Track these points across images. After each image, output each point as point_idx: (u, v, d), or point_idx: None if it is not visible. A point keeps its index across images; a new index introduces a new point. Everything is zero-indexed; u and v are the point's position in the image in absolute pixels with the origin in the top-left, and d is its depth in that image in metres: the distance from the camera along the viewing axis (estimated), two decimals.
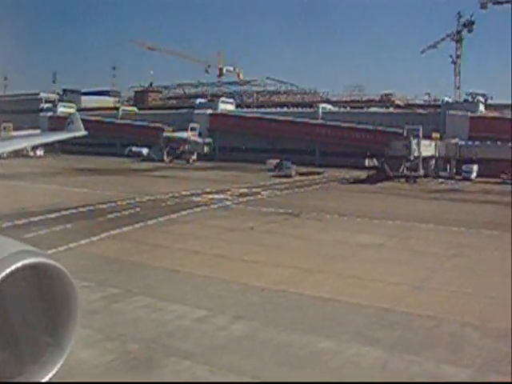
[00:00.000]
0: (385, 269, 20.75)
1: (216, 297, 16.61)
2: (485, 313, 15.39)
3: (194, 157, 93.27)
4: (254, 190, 49.54)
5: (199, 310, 15.02)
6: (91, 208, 34.34)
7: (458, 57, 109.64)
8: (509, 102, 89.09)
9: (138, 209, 34.92)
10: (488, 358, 12.27)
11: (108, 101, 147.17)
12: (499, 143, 71.94)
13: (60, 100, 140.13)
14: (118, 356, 11.78)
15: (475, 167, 69.80)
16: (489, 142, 72.83)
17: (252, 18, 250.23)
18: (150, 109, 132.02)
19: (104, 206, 35.53)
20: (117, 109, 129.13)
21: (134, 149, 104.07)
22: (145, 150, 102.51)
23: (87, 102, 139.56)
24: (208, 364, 11.67)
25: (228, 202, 40.26)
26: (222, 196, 43.61)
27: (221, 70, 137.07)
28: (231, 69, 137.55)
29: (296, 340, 13.13)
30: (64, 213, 31.79)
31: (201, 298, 16.34)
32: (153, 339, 12.87)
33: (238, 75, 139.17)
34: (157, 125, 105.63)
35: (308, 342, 13.02)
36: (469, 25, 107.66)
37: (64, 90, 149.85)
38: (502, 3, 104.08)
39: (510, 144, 70.03)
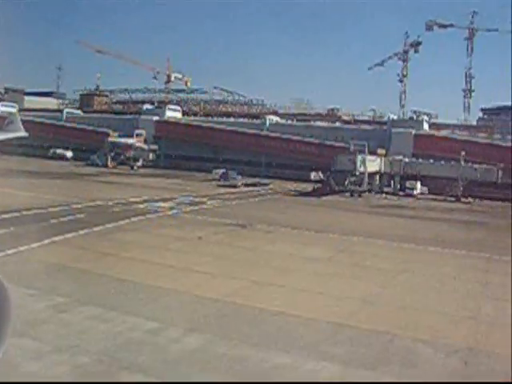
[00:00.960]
0: (335, 283, 20.85)
1: (167, 308, 16.27)
2: (435, 328, 15.56)
3: (139, 163, 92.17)
4: (201, 199, 49.16)
5: (151, 322, 14.62)
6: (32, 212, 33.18)
7: (404, 76, 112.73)
8: (452, 121, 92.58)
9: (82, 214, 34.04)
10: (442, 374, 12.46)
11: (52, 102, 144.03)
12: (442, 161, 73.89)
13: (1, 99, 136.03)
14: (69, 369, 11.30)
15: (418, 184, 71.63)
16: (432, 160, 74.74)
17: (202, 27, 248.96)
18: (95, 112, 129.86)
19: (46, 210, 34.42)
20: (61, 111, 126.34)
21: (58, 151, 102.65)
22: (69, 153, 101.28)
23: (30, 102, 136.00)
24: (162, 378, 11.35)
25: (175, 211, 39.76)
26: (168, 204, 43.07)
27: (169, 76, 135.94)
28: (179, 76, 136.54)
29: (251, 354, 12.93)
30: (2, 216, 30.52)
31: (152, 309, 15.94)
32: (104, 352, 12.42)
33: (186, 83, 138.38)
34: (102, 129, 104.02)
35: (263, 356, 12.83)
36: (416, 45, 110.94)
37: (6, 89, 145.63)
38: (446, 26, 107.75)
39: (452, 162, 72.19)
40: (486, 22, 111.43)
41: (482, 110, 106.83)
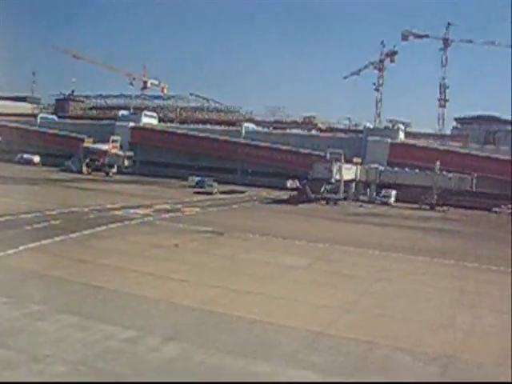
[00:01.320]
0: (313, 291, 20.82)
1: (145, 316, 16.09)
2: (413, 337, 15.64)
3: (114, 170, 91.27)
4: (177, 206, 48.98)
5: (128, 331, 14.46)
6: (6, 219, 32.71)
7: (380, 85, 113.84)
8: (427, 130, 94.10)
9: (57, 221, 33.63)
10: (421, 381, 12.54)
11: (26, 107, 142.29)
12: (417, 170, 74.49)
13: None
14: (45, 379, 11.10)
15: (393, 192, 72.18)
16: (407, 169, 75.31)
17: (178, 34, 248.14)
18: (71, 118, 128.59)
19: (20, 216, 33.99)
20: (35, 116, 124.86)
21: (25, 156, 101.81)
22: (36, 158, 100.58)
23: (4, 107, 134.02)
24: None
25: (150, 218, 39.49)
26: (144, 211, 42.76)
27: (145, 82, 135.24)
28: (156, 82, 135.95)
29: (229, 363, 12.87)
30: None
31: (129, 318, 15.75)
32: (81, 361, 12.23)
33: (163, 89, 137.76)
34: (77, 135, 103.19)
35: (241, 365, 12.78)
36: (391, 55, 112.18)
37: None
38: (421, 37, 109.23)
39: (427, 171, 72.82)
40: (461, 33, 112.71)
41: (456, 119, 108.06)
